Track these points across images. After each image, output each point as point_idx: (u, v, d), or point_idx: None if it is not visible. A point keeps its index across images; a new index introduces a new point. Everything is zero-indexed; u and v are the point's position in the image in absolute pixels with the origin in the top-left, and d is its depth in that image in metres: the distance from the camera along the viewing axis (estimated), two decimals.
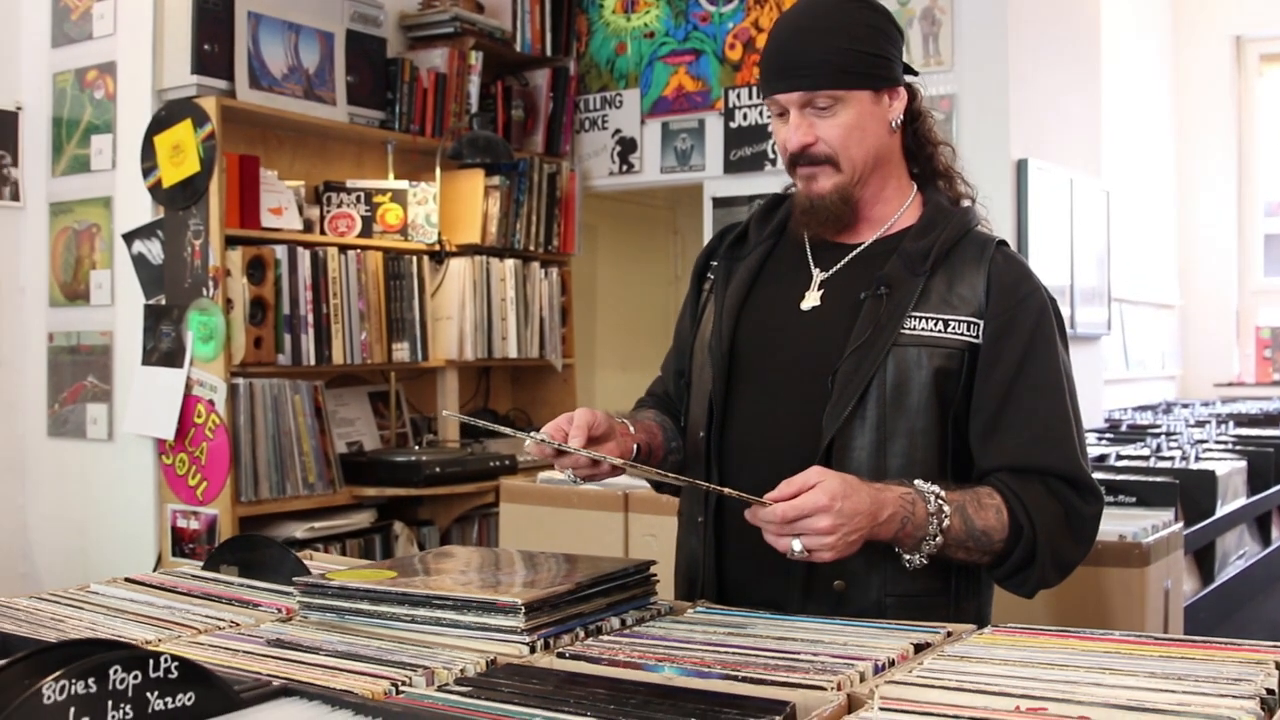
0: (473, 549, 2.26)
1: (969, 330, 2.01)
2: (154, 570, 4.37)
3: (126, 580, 2.18)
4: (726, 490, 1.83)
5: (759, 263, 2.20)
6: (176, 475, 4.37)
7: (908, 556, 1.91)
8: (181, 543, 4.37)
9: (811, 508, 1.76)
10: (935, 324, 2.01)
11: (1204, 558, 3.65)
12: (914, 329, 2.00)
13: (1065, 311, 5.29)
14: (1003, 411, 1.99)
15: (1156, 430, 5.43)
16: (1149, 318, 8.09)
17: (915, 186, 2.19)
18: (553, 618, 1.75)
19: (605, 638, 1.76)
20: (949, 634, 1.74)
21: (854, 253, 2.13)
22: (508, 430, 2.01)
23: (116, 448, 4.55)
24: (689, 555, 2.20)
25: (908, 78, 2.16)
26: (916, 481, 1.90)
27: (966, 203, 2.22)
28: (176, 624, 1.86)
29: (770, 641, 1.70)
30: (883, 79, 2.08)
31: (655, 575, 1.98)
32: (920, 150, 2.20)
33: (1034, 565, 1.94)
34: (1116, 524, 2.97)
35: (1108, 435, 5.11)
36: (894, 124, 2.13)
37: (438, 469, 4.71)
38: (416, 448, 5.11)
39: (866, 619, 1.85)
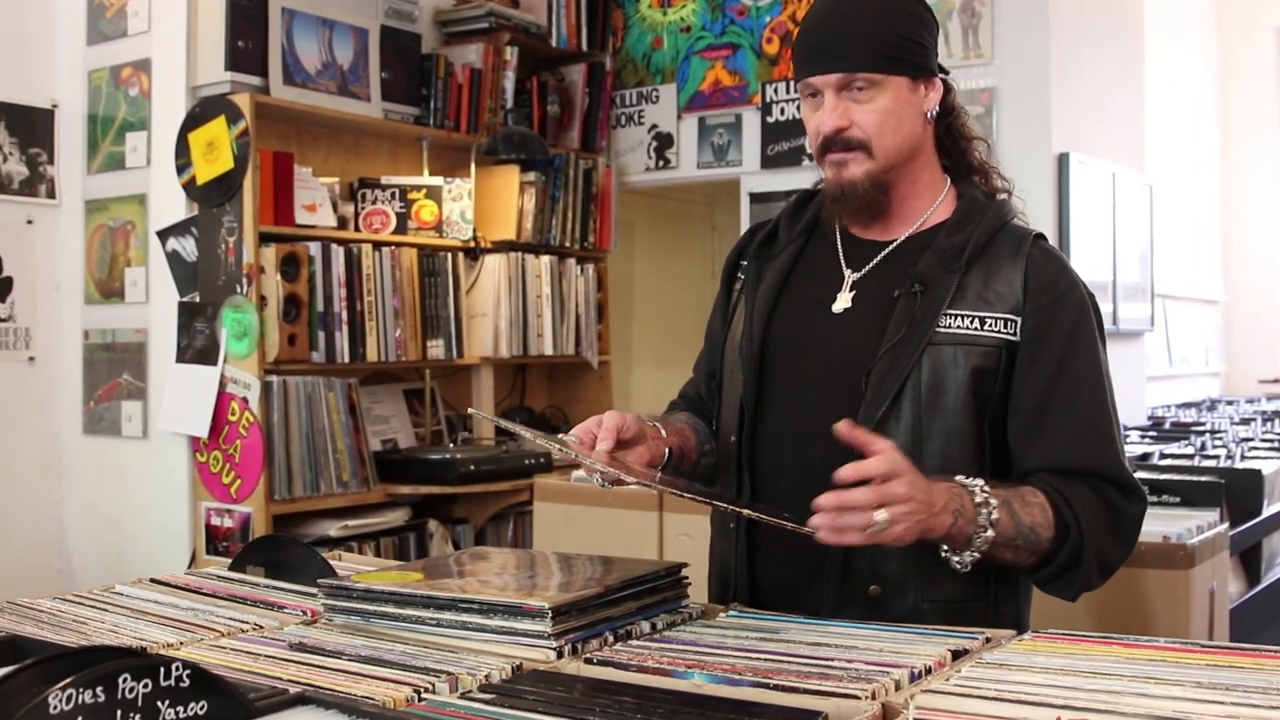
0: (505, 550, 2.23)
1: (1006, 328, 1.96)
2: (188, 568, 4.38)
3: (152, 581, 2.16)
4: (747, 512, 1.78)
5: (789, 262, 2.15)
6: (210, 473, 4.36)
7: (957, 558, 1.84)
8: (215, 540, 4.36)
9: (888, 470, 1.69)
10: (971, 322, 1.95)
11: (1250, 559, 3.58)
12: (949, 327, 1.95)
13: (1107, 308, 5.25)
14: (1043, 411, 1.94)
15: (1201, 428, 5.35)
16: (1193, 313, 7.99)
17: (949, 180, 2.13)
18: (581, 622, 1.72)
19: (634, 643, 1.72)
20: (987, 640, 1.70)
21: (886, 250, 2.08)
22: (527, 433, 1.97)
23: (151, 445, 4.55)
24: (721, 562, 2.16)
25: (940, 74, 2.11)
26: (958, 476, 1.85)
27: (1002, 196, 2.16)
28: (199, 626, 1.83)
29: (803, 647, 1.66)
30: (920, 67, 2.04)
31: (687, 578, 1.94)
32: (954, 145, 2.14)
33: (1080, 566, 1.88)
34: (1160, 525, 2.91)
35: (1151, 433, 5.03)
36: (929, 115, 2.07)
37: (472, 467, 4.68)
38: (451, 445, 5.08)
39: (903, 624, 1.80)
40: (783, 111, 5.44)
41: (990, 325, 1.95)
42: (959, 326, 1.95)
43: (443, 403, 5.28)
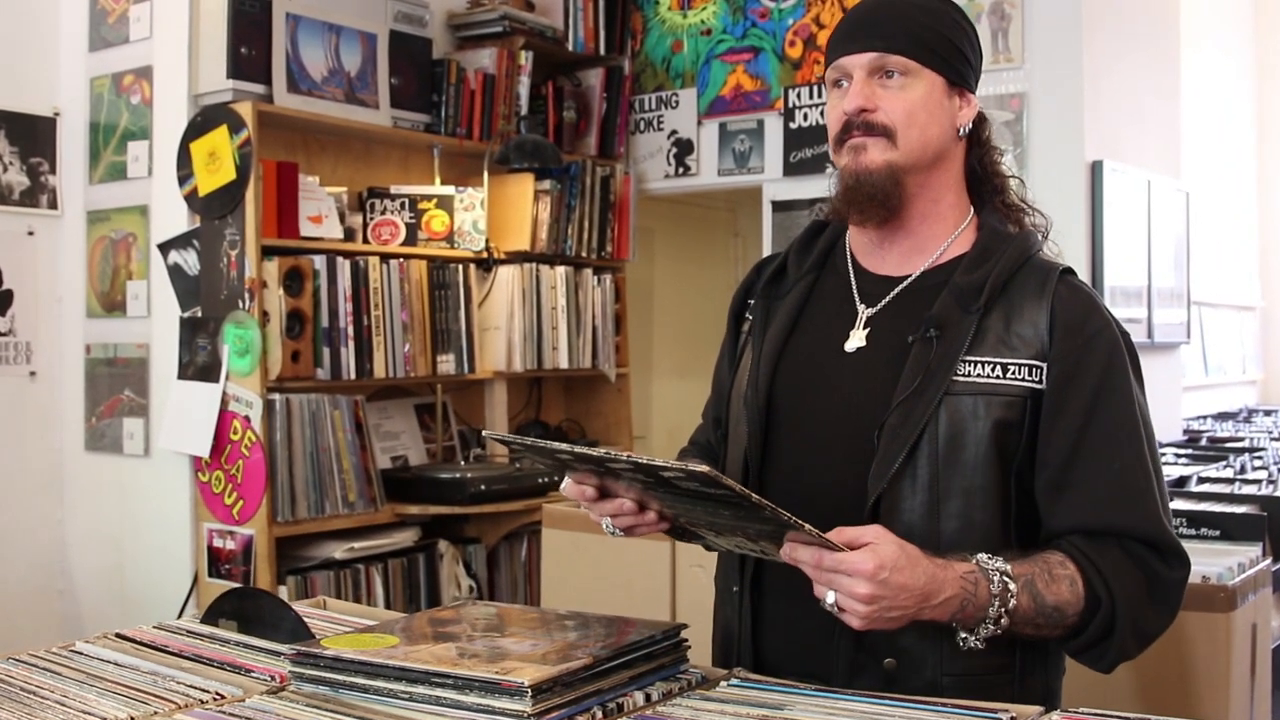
0: (498, 606, 2.07)
1: (1031, 374, 1.79)
2: (190, 591, 4.26)
3: (118, 636, 2.02)
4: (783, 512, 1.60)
5: (799, 302, 1.98)
6: (213, 493, 4.23)
7: (964, 635, 1.69)
8: (218, 563, 4.23)
9: (851, 568, 1.57)
10: (992, 369, 1.79)
11: None
12: (968, 375, 1.78)
13: (1141, 315, 5.07)
14: (1072, 465, 1.77)
15: (1239, 443, 5.17)
16: (1229, 320, 7.80)
17: (973, 210, 1.97)
18: (565, 699, 1.57)
19: None
20: (1012, 719, 1.54)
21: (901, 286, 1.92)
22: (546, 444, 1.74)
23: (153, 464, 4.42)
24: (725, 627, 2.00)
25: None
26: (980, 557, 1.69)
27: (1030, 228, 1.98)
28: (156, 696, 1.69)
29: None
30: (957, 73, 1.90)
31: (686, 641, 1.79)
32: (987, 181, 1.98)
33: (1112, 638, 1.72)
34: (1199, 563, 2.73)
35: (1187, 451, 4.85)
36: (961, 130, 1.92)
37: (483, 486, 4.53)
38: (462, 463, 4.94)
39: (919, 698, 1.65)
40: (806, 117, 5.28)
41: (1013, 372, 1.78)
42: (979, 375, 1.78)
43: (455, 418, 5.14)
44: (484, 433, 2.39)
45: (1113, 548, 1.74)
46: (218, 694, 1.70)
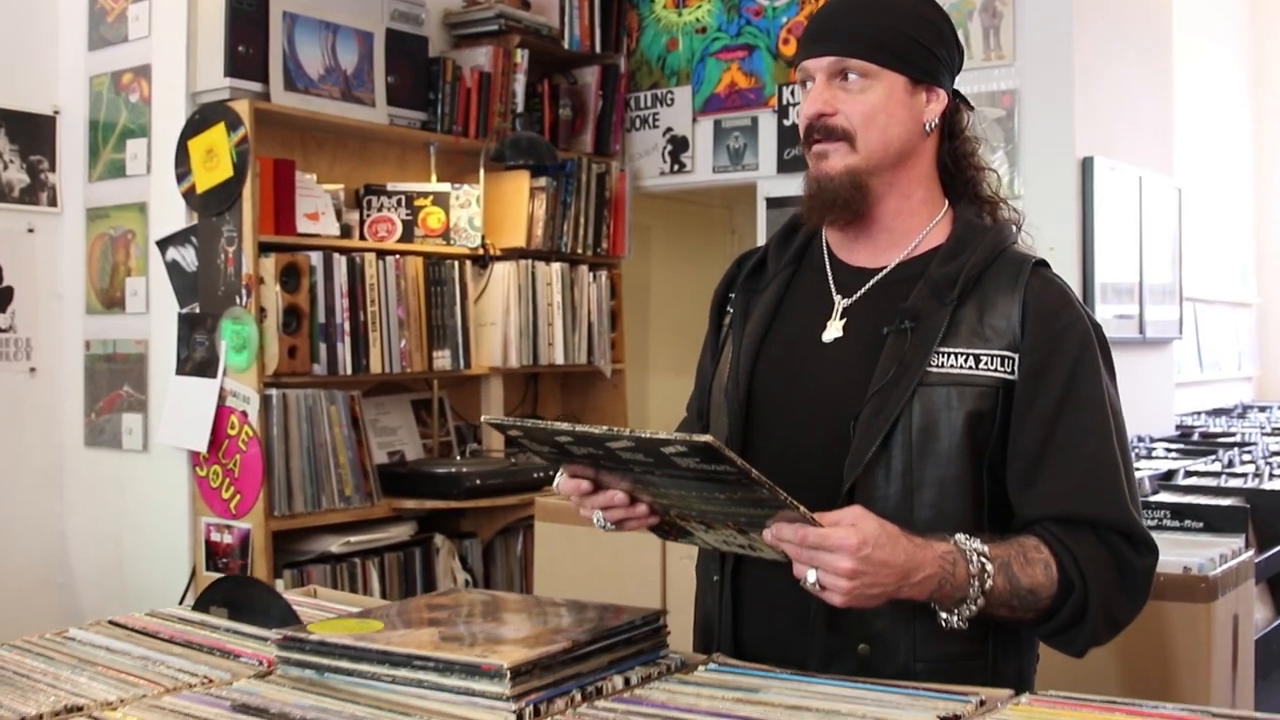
0: (484, 593, 2.11)
1: (1003, 365, 1.82)
2: (188, 585, 4.30)
3: (110, 623, 2.07)
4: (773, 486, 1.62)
5: (778, 294, 2.02)
6: (210, 488, 4.27)
7: (945, 616, 1.72)
8: (215, 557, 4.27)
9: (835, 544, 1.59)
10: (965, 360, 1.82)
11: (1278, 586, 3.44)
12: (942, 366, 1.82)
13: (1133, 311, 5.11)
14: (1044, 456, 1.80)
15: (1230, 439, 5.19)
16: (1225, 317, 7.82)
17: (948, 203, 2.00)
18: (544, 681, 1.61)
19: (602, 703, 1.61)
20: (982, 702, 1.58)
21: (877, 278, 1.95)
22: (545, 425, 1.74)
23: (151, 459, 4.46)
24: (705, 616, 2.05)
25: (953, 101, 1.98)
26: (958, 537, 1.72)
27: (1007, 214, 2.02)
28: (145, 680, 1.74)
29: (781, 712, 1.54)
30: (924, 71, 1.92)
31: (665, 626, 1.83)
32: (960, 173, 2.01)
33: (1084, 623, 1.76)
34: (1182, 554, 2.78)
35: (1177, 446, 4.88)
36: (928, 126, 1.95)
37: (479, 481, 4.57)
38: (458, 458, 4.98)
39: (892, 681, 1.68)
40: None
41: (986, 363, 1.82)
42: (952, 365, 1.82)
43: (452, 413, 5.18)
44: (483, 418, 2.36)
45: (1086, 535, 1.77)
46: (206, 678, 1.75)
